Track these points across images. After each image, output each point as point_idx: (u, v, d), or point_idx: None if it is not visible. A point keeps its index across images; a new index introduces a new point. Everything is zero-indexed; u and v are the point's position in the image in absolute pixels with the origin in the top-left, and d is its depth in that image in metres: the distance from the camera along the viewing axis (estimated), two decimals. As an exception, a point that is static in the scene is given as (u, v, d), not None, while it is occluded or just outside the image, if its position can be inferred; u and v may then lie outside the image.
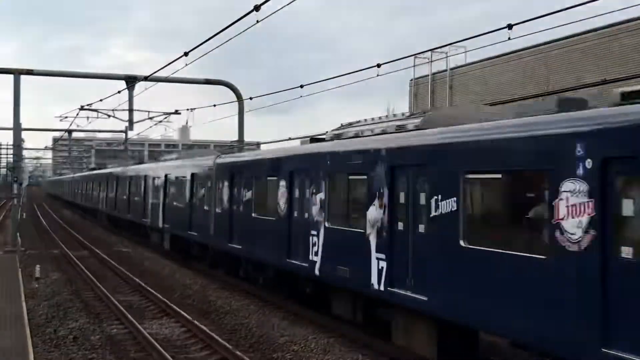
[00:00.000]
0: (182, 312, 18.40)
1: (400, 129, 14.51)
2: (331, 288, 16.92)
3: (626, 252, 8.89)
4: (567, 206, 9.61)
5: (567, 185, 9.63)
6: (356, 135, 16.19)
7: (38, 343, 15.25)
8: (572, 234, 9.51)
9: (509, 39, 16.45)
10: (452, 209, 11.83)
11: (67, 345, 15.27)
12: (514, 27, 16.09)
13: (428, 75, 47.14)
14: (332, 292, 16.98)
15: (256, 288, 21.98)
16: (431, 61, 45.74)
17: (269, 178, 20.10)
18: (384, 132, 14.99)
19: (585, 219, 9.34)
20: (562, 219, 9.68)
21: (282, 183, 18.85)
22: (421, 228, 12.89)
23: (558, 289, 9.69)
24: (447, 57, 44.75)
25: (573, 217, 9.51)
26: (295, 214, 18.18)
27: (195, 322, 17.16)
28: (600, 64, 32.63)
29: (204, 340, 15.78)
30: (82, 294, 22.29)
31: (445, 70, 45.55)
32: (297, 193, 18.18)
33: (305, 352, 14.80)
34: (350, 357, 14.40)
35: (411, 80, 48.89)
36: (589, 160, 9.31)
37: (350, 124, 17.32)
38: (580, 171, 9.45)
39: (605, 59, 32.61)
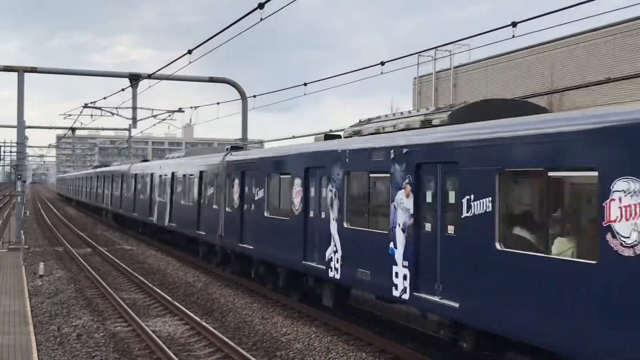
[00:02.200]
0: (186, 310, 18.42)
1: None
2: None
3: None
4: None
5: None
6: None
7: (41, 341, 15.29)
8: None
9: (513, 37, 16.43)
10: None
11: (71, 343, 15.29)
12: (518, 25, 16.06)
13: (432, 74, 47.15)
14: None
15: (259, 286, 21.94)
16: (435, 59, 45.77)
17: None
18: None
19: None
20: (615, 220, 8.93)
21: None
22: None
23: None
24: (451, 55, 44.82)
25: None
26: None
27: (199, 319, 17.18)
28: (605, 62, 32.56)
29: (207, 338, 15.79)
30: (85, 292, 22.32)
31: (449, 69, 45.56)
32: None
33: (309, 350, 14.81)
34: (353, 355, 14.40)
35: (415, 78, 48.91)
36: None
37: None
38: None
39: (610, 57, 32.54)
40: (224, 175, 24.10)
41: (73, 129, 61.44)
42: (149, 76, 32.86)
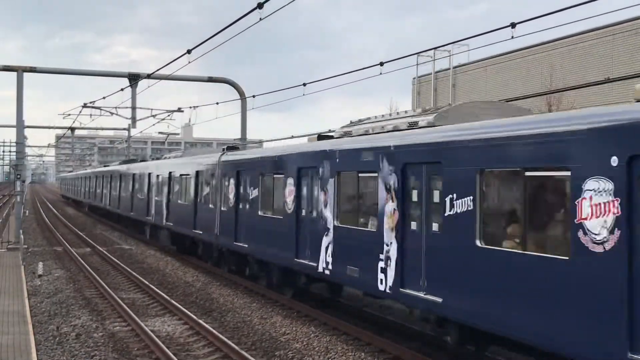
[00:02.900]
0: (185, 310, 18.42)
1: None
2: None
3: None
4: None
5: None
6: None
7: (40, 340, 15.29)
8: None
9: (512, 37, 16.45)
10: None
11: (70, 343, 15.30)
12: (517, 25, 16.08)
13: (431, 74, 47.19)
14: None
15: (258, 286, 21.94)
16: (434, 59, 45.78)
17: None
18: None
19: None
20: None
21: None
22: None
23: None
24: (450, 55, 44.84)
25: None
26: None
27: (198, 319, 17.18)
28: (604, 62, 32.61)
29: (207, 337, 15.80)
30: (84, 291, 22.33)
31: (449, 69, 45.59)
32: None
33: (308, 350, 14.82)
34: (352, 355, 14.41)
35: (414, 78, 48.96)
36: None
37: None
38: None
39: (608, 57, 32.59)
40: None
41: (72, 129, 61.45)
42: (148, 76, 32.88)
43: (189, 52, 22.28)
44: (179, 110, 44.28)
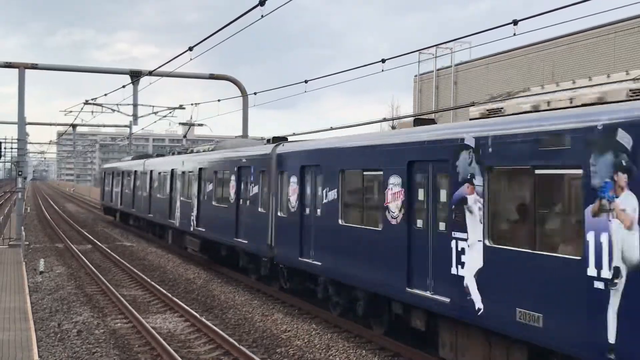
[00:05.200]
0: (186, 307, 18.43)
1: None
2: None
3: None
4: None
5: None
6: None
7: (42, 337, 15.31)
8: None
9: (514, 35, 16.40)
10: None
11: (71, 339, 15.31)
12: (519, 23, 16.04)
13: (433, 71, 47.17)
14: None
15: (259, 283, 21.93)
16: (436, 57, 45.77)
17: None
18: None
19: None
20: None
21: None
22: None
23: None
24: (452, 52, 44.80)
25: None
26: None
27: (199, 316, 17.19)
28: (606, 60, 32.58)
29: (208, 334, 15.81)
30: (85, 288, 22.34)
31: (450, 66, 45.57)
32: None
33: (309, 348, 14.82)
34: (353, 352, 14.41)
35: (416, 75, 48.94)
36: None
37: None
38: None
39: (610, 55, 32.56)
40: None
41: (74, 126, 61.42)
42: (150, 73, 32.90)
43: (190, 49, 22.24)
44: (181, 107, 44.27)
